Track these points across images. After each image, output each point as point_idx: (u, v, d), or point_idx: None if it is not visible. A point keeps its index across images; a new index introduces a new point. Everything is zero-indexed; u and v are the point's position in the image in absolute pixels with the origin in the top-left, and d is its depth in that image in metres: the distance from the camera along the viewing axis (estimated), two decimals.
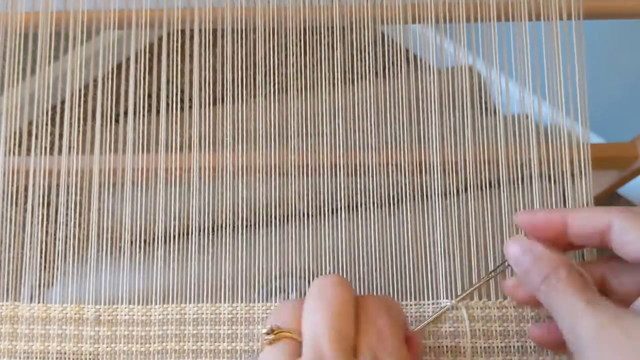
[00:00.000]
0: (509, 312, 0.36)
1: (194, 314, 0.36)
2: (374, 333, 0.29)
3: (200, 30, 0.40)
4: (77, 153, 0.39)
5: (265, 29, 0.40)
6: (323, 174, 0.38)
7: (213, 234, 0.37)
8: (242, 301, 0.36)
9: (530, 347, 0.35)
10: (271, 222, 0.37)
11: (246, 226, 0.37)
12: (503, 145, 0.38)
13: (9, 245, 0.38)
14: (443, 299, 0.36)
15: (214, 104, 0.39)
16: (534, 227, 0.33)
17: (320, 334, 0.29)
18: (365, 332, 0.29)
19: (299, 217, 0.38)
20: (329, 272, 0.37)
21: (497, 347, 0.35)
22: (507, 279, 0.35)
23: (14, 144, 0.39)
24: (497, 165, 0.38)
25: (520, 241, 0.33)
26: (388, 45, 0.40)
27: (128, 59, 0.39)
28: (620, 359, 0.27)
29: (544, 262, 0.31)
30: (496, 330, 0.35)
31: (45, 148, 0.39)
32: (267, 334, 0.30)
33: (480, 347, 0.35)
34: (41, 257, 0.37)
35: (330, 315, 0.29)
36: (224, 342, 0.36)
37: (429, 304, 0.36)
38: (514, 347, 0.35)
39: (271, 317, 0.32)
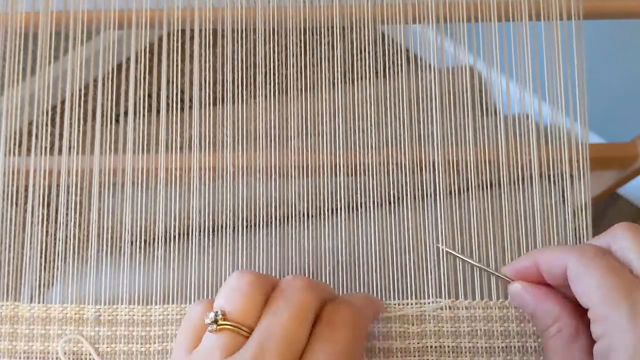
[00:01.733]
0: (509, 312, 0.36)
1: None
2: (328, 350, 0.28)
3: (200, 31, 0.40)
4: (77, 153, 0.39)
5: (265, 29, 0.40)
6: (323, 174, 0.38)
7: (213, 234, 0.37)
8: None
9: (531, 348, 0.35)
10: (271, 222, 0.37)
11: (246, 226, 0.37)
12: (503, 145, 0.38)
13: (9, 245, 0.38)
14: (445, 298, 0.36)
15: (214, 104, 0.39)
16: (520, 277, 0.33)
17: (270, 333, 0.28)
18: (319, 346, 0.29)
19: (299, 217, 0.38)
20: (328, 272, 0.37)
21: (498, 347, 0.35)
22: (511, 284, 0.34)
23: (14, 144, 0.39)
24: (497, 165, 0.38)
25: (519, 293, 0.33)
26: (388, 45, 0.40)
27: (128, 59, 0.39)
28: None
29: (544, 315, 0.32)
30: (497, 330, 0.35)
31: (46, 148, 0.39)
32: (212, 322, 0.29)
33: (482, 347, 0.35)
34: (41, 257, 0.37)
35: (288, 319, 0.28)
36: None
37: (429, 303, 0.36)
38: (514, 347, 0.35)
39: (229, 295, 0.30)
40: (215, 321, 0.29)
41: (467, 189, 0.38)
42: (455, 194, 0.37)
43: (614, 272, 0.29)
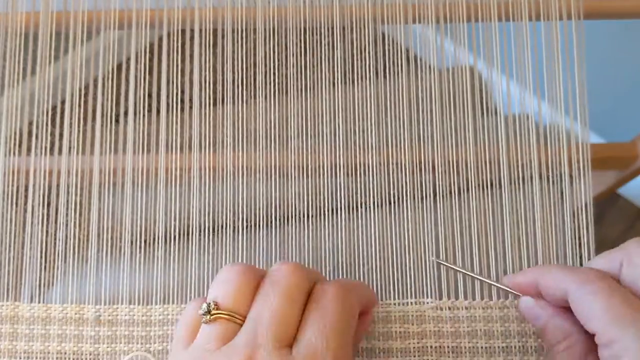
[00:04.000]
0: (510, 313, 0.36)
1: None
2: (317, 327, 0.29)
3: (200, 31, 0.40)
4: (78, 153, 0.39)
5: (265, 29, 0.40)
6: (323, 174, 0.38)
7: (213, 234, 0.37)
8: None
9: (531, 348, 0.35)
10: (271, 222, 0.37)
11: (246, 226, 0.38)
12: (503, 145, 0.38)
13: (9, 245, 0.38)
14: (444, 298, 0.36)
15: (214, 104, 0.39)
16: (519, 291, 0.33)
17: (261, 317, 0.29)
18: (309, 324, 0.29)
19: (299, 217, 0.38)
20: (328, 272, 0.37)
21: (498, 347, 0.35)
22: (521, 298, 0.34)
23: (15, 144, 0.39)
24: (498, 165, 0.38)
25: (530, 308, 0.33)
26: (388, 45, 0.40)
27: (128, 59, 0.39)
28: None
29: (552, 332, 0.32)
30: (497, 331, 0.35)
31: (46, 148, 0.39)
32: (205, 313, 0.29)
33: (481, 348, 0.35)
34: (41, 257, 0.37)
35: (277, 302, 0.29)
36: None
37: (429, 303, 0.36)
38: (515, 347, 0.35)
39: (220, 287, 0.30)
40: (209, 312, 0.29)
41: (467, 189, 0.38)
42: (455, 194, 0.37)
43: (618, 295, 0.29)
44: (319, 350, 0.28)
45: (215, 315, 0.29)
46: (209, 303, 0.29)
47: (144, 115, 0.39)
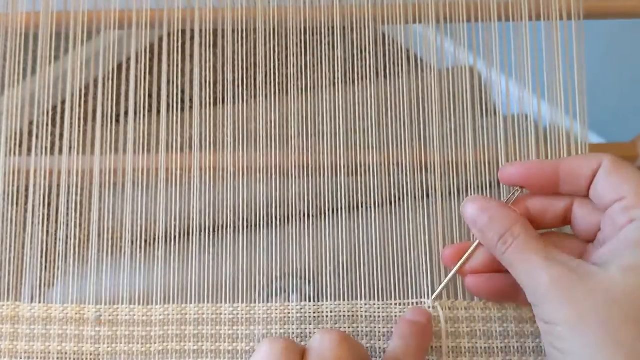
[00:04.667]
0: (508, 313, 0.36)
1: (194, 314, 0.36)
2: None
3: (200, 31, 0.40)
4: (78, 153, 0.39)
5: (265, 29, 0.40)
6: (324, 174, 0.38)
7: (214, 235, 0.37)
8: (243, 302, 0.36)
9: (530, 348, 0.35)
10: (272, 222, 0.37)
11: (247, 226, 0.38)
12: (503, 146, 0.38)
13: (10, 245, 0.38)
14: (444, 298, 0.36)
15: (215, 104, 0.39)
16: (527, 177, 0.33)
17: None
18: None
19: (300, 217, 0.38)
20: (329, 272, 0.37)
21: (497, 347, 0.35)
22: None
23: (15, 144, 0.39)
24: (497, 166, 0.38)
25: (477, 201, 0.33)
26: (389, 45, 0.40)
27: (129, 59, 0.39)
28: (575, 308, 0.28)
29: (500, 221, 0.32)
30: (496, 331, 0.35)
31: (46, 148, 0.39)
32: None
33: (481, 348, 0.35)
34: (42, 257, 0.37)
35: None
36: (224, 342, 0.36)
37: (428, 303, 0.36)
38: (513, 347, 0.35)
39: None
40: None
41: (467, 189, 0.38)
42: (455, 194, 0.37)
43: None
44: None
45: None
46: None
47: (144, 115, 0.39)
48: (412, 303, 0.36)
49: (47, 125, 0.39)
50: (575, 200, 0.33)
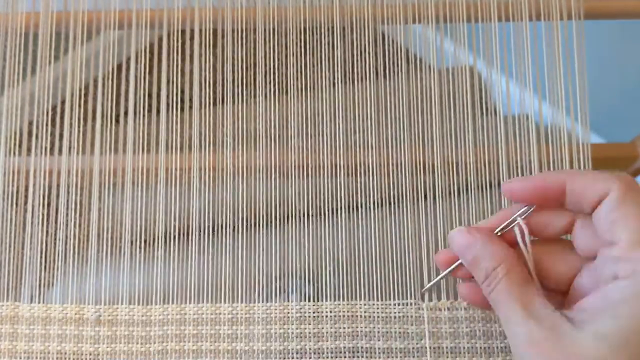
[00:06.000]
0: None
1: (194, 314, 0.36)
2: None
3: (200, 30, 0.40)
4: (78, 153, 0.39)
5: (265, 29, 0.40)
6: (323, 174, 0.38)
7: (213, 234, 0.37)
8: (242, 301, 0.36)
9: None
10: (271, 222, 0.37)
11: (246, 226, 0.38)
12: (503, 146, 0.38)
13: (10, 246, 0.38)
14: (443, 299, 0.36)
15: (214, 104, 0.39)
16: (517, 198, 0.32)
17: None
18: None
19: (299, 217, 0.38)
20: (329, 272, 0.37)
21: (497, 347, 0.35)
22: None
23: (14, 144, 0.39)
24: (498, 166, 0.38)
25: (462, 236, 0.32)
26: (388, 45, 0.40)
27: (128, 59, 0.39)
28: None
29: (485, 260, 0.31)
30: (496, 331, 0.35)
31: (46, 148, 0.39)
32: None
33: (480, 348, 0.35)
34: (41, 257, 0.37)
35: None
36: (224, 342, 0.36)
37: (428, 303, 0.36)
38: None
39: None
40: None
41: (467, 189, 0.38)
42: (455, 194, 0.37)
43: None
44: None
45: None
46: None
47: (144, 115, 0.39)
48: (411, 303, 0.36)
49: (47, 125, 0.39)
50: (578, 219, 0.31)
